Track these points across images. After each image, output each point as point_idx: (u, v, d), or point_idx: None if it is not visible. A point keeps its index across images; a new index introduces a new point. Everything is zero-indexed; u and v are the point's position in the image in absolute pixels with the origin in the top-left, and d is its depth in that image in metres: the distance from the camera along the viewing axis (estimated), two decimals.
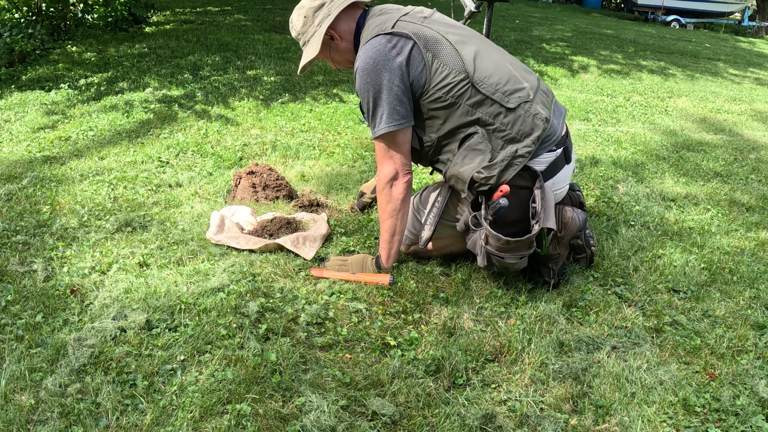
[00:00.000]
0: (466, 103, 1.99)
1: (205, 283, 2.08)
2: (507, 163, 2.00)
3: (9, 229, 2.40)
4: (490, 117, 2.00)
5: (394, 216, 2.11)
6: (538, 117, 2.02)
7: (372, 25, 2.05)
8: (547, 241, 2.10)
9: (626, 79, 6.52)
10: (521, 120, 2.01)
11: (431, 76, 1.98)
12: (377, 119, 2.01)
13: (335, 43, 2.11)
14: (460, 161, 2.03)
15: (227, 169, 3.17)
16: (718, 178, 3.54)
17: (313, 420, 1.53)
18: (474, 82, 1.98)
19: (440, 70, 1.98)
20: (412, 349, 1.85)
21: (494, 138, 2.01)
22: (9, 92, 4.41)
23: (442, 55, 1.99)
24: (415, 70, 1.98)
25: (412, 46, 1.98)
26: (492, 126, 2.00)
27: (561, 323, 2.00)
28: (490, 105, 1.99)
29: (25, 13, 5.89)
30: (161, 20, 7.48)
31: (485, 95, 1.99)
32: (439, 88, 1.98)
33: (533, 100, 2.04)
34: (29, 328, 1.83)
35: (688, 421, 1.63)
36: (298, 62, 5.66)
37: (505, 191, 1.98)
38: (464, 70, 1.98)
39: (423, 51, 1.98)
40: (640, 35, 10.76)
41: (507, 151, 2.00)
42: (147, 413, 1.54)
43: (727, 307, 2.16)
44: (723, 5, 16.51)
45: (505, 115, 2.00)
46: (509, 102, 2.00)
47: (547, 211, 2.01)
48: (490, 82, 2.00)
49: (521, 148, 2.00)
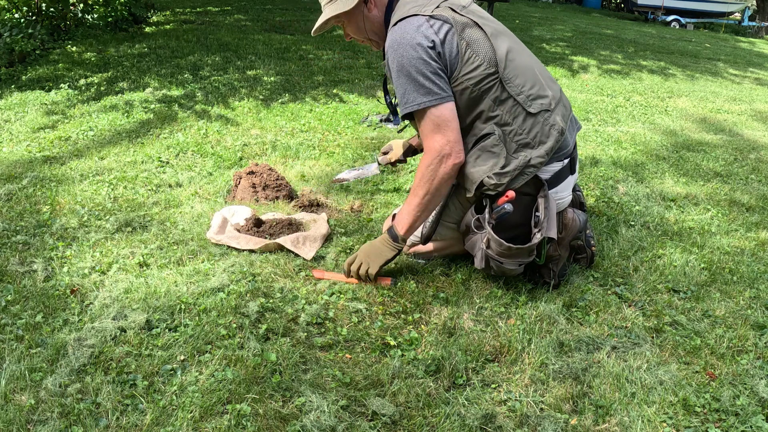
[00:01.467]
0: (490, 98, 1.97)
1: (205, 283, 2.08)
2: (519, 173, 1.99)
3: (9, 229, 2.40)
4: (509, 117, 1.98)
5: (431, 193, 2.03)
6: (555, 128, 2.02)
7: (407, 5, 2.01)
8: (546, 250, 2.10)
9: (626, 79, 6.52)
10: (539, 127, 2.00)
11: (462, 64, 1.95)
12: (411, 95, 1.95)
13: (368, 7, 2.07)
14: (473, 161, 2.02)
15: (227, 169, 3.17)
16: (718, 178, 3.54)
17: (313, 420, 1.53)
18: (502, 78, 1.96)
19: (472, 59, 1.95)
20: (412, 349, 1.85)
21: (509, 141, 2.00)
22: (9, 92, 4.41)
23: (475, 45, 1.96)
24: (449, 53, 1.95)
25: (448, 29, 1.95)
26: (509, 127, 1.99)
27: (561, 323, 2.00)
28: (512, 105, 1.98)
29: (25, 13, 5.89)
30: (161, 20, 7.48)
31: (510, 94, 1.97)
32: (468, 78, 1.96)
33: (553, 110, 2.03)
34: (29, 328, 1.83)
35: (688, 421, 1.63)
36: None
37: (510, 197, 1.98)
38: (495, 64, 1.96)
39: (458, 37, 1.95)
40: (640, 35, 10.76)
41: (520, 159, 1.99)
42: (147, 413, 1.54)
43: (727, 307, 2.16)
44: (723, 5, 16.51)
45: (525, 119, 1.99)
46: (531, 107, 1.99)
47: (550, 221, 2.01)
48: (517, 83, 1.98)
49: (534, 157, 1.99)
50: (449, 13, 1.98)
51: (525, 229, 2.10)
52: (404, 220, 2.09)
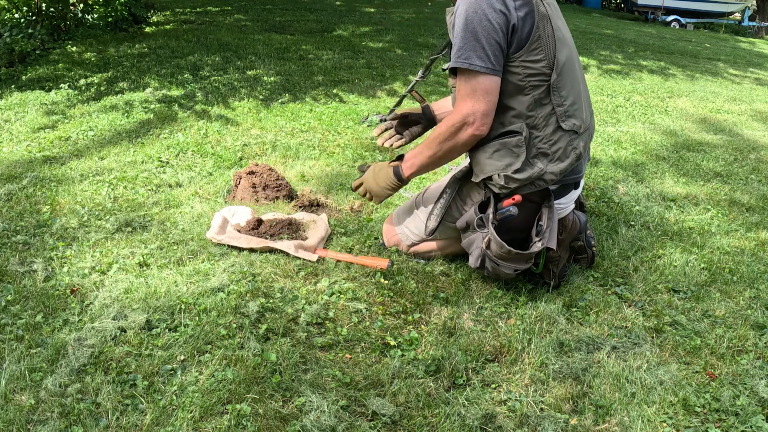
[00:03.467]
0: (533, 96, 1.95)
1: (205, 283, 2.08)
2: (528, 183, 1.99)
3: (9, 229, 2.40)
4: (542, 123, 1.97)
5: (444, 152, 2.02)
6: (575, 151, 2.02)
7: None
8: (544, 260, 2.09)
9: (626, 79, 6.52)
10: (563, 144, 2.00)
11: (528, 50, 1.91)
12: (468, 52, 1.88)
13: None
14: (490, 152, 2.00)
15: (227, 169, 3.17)
16: (718, 178, 3.54)
17: (313, 420, 1.53)
18: (551, 84, 1.94)
19: (537, 51, 1.92)
20: (412, 349, 1.85)
21: (532, 145, 1.98)
22: (9, 92, 4.41)
23: (544, 40, 1.94)
24: (520, 32, 1.90)
25: (528, 11, 1.91)
26: (537, 132, 1.97)
27: (561, 323, 2.00)
28: (549, 113, 1.96)
29: (25, 13, 5.89)
30: (161, 20, 7.48)
31: (552, 102, 1.96)
32: (524, 65, 1.92)
33: (581, 135, 2.04)
34: (29, 328, 1.83)
35: (688, 421, 1.63)
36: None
37: (517, 200, 1.99)
38: (552, 67, 1.94)
39: (534, 23, 1.91)
40: (640, 35, 10.76)
41: (534, 170, 1.98)
42: (147, 413, 1.54)
43: (727, 307, 2.16)
44: (723, 5, 16.50)
45: (554, 131, 1.98)
46: (565, 123, 1.98)
47: (552, 231, 2.01)
48: (563, 94, 1.97)
49: (548, 172, 1.99)
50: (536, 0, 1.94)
51: (523, 235, 2.10)
52: (413, 165, 2.10)
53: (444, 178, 2.38)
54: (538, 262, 2.08)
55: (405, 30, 7.99)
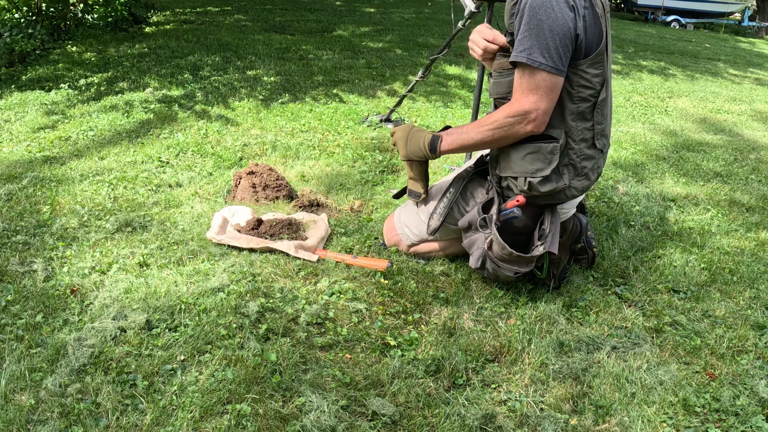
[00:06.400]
0: (580, 107, 1.92)
1: (205, 283, 2.08)
2: (548, 196, 1.99)
3: (9, 229, 2.40)
4: (579, 137, 1.95)
5: (493, 140, 1.96)
6: (598, 170, 2.05)
7: None
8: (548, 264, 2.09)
9: (626, 79, 6.52)
10: (592, 163, 2.01)
11: (591, 60, 1.87)
12: (532, 49, 1.81)
13: None
14: (524, 153, 1.97)
15: (227, 169, 3.17)
16: (718, 179, 3.54)
17: (313, 420, 1.53)
18: (598, 102, 1.93)
19: (599, 65, 1.89)
20: (412, 349, 1.85)
21: (565, 156, 1.97)
22: (9, 92, 4.41)
23: (605, 55, 1.92)
24: (589, 41, 1.85)
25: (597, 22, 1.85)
26: (574, 144, 1.96)
27: (561, 323, 2.00)
28: (587, 129, 1.96)
29: (25, 13, 5.89)
30: (161, 20, 7.48)
31: (593, 119, 1.95)
32: (583, 74, 1.88)
33: (604, 155, 2.06)
34: (29, 328, 1.83)
35: (688, 421, 1.63)
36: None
37: (521, 202, 1.98)
38: (602, 84, 1.92)
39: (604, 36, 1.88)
40: (640, 35, 10.76)
41: (560, 183, 1.97)
42: (147, 413, 1.54)
43: (727, 307, 2.16)
44: (723, 5, 16.51)
45: (588, 147, 1.98)
46: (598, 141, 1.99)
47: (554, 235, 2.01)
48: (604, 113, 1.98)
49: (571, 188, 1.99)
50: (600, 9, 1.90)
51: (524, 238, 2.10)
52: (454, 142, 2.05)
53: (445, 178, 2.38)
54: (542, 267, 2.07)
55: (405, 30, 7.99)
